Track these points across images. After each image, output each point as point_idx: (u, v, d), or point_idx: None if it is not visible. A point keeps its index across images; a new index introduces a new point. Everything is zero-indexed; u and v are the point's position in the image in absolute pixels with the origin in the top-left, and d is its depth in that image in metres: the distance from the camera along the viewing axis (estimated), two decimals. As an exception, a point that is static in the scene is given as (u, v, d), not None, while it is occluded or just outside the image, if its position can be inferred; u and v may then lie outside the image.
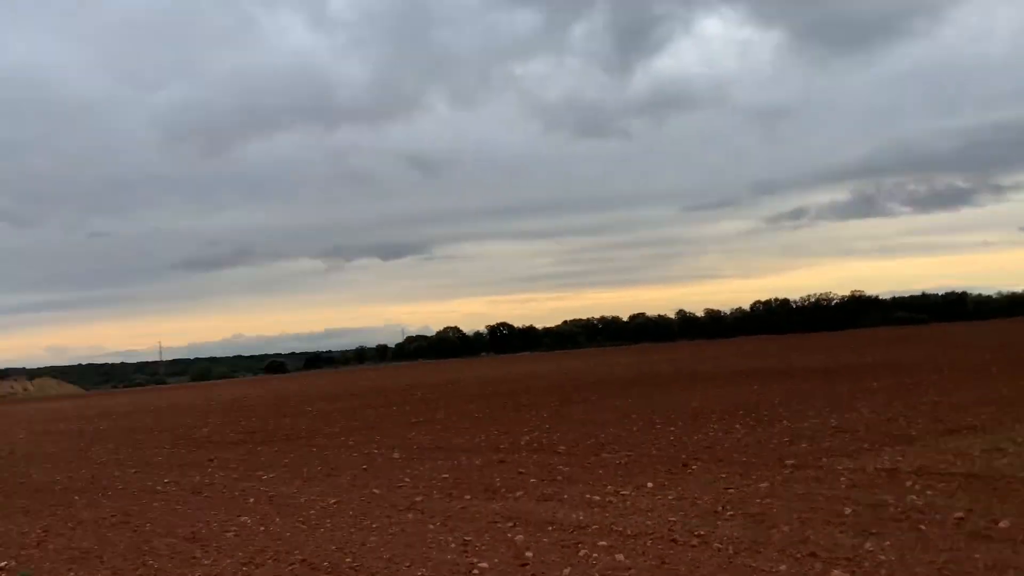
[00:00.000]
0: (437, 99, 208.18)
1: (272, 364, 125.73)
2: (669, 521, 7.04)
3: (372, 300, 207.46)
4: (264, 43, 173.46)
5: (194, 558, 7.03)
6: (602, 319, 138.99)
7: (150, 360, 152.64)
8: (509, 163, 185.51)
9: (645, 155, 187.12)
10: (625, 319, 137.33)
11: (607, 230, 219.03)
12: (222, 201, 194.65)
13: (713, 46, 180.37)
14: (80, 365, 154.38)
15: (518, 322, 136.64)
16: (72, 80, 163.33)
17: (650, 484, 8.94)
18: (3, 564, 7.30)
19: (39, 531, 8.85)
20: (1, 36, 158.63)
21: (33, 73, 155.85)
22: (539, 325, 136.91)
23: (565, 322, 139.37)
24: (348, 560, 6.47)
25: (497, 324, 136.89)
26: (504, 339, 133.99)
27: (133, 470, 13.84)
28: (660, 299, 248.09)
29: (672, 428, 13.98)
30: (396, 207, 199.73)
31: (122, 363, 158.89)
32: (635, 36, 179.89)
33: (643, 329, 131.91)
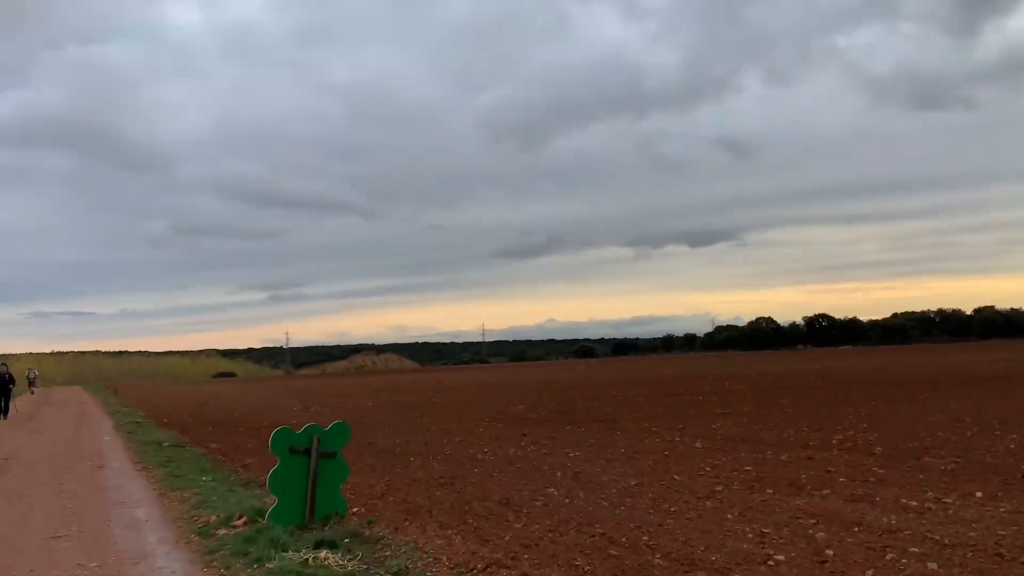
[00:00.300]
0: (750, 79, 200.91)
1: (582, 349, 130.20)
2: (997, 535, 6.37)
3: (680, 288, 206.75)
4: (578, 38, 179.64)
5: (506, 520, 7.71)
6: (940, 312, 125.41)
7: (474, 341, 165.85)
8: (830, 142, 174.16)
9: (995, 128, 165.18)
10: (969, 312, 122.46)
11: (947, 212, 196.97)
12: (536, 193, 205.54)
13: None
14: (417, 343, 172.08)
15: (839, 313, 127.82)
16: (412, 87, 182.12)
17: (979, 494, 8.10)
18: (355, 510, 8.54)
19: (382, 485, 10.20)
20: (358, 52, 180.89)
21: (381, 83, 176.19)
22: (864, 317, 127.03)
23: (895, 314, 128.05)
24: (645, 538, 6.71)
25: (815, 315, 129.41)
26: (823, 331, 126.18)
27: (458, 439, 15.33)
28: (1013, 290, 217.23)
29: (1014, 435, 12.42)
30: (705, 192, 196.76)
31: (451, 343, 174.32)
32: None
33: (991, 324, 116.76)
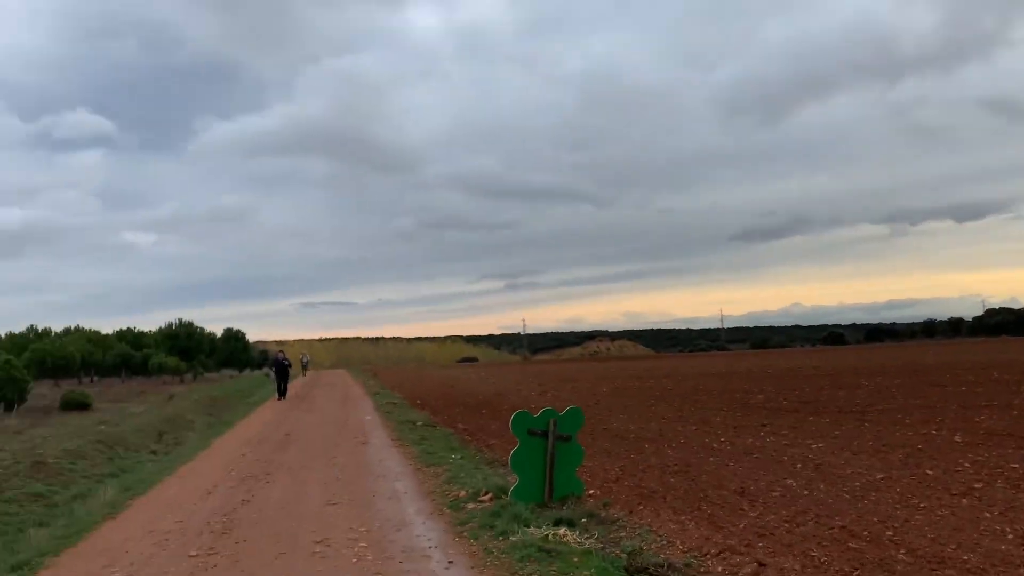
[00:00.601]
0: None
1: (830, 335, 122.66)
2: None
3: (943, 268, 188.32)
4: (819, 5, 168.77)
5: (741, 510, 7.68)
6: None
7: (712, 327, 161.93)
8: None
9: None
10: None
11: None
12: (777, 170, 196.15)
13: None
14: (651, 330, 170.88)
15: None
16: (642, 71, 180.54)
17: None
18: (591, 492, 8.88)
19: (616, 470, 10.48)
20: (587, 41, 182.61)
21: (611, 69, 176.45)
22: None
23: None
24: (888, 534, 6.42)
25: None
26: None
27: (693, 427, 15.26)
28: None
29: None
30: (972, 161, 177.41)
31: (687, 329, 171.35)
32: None
33: None
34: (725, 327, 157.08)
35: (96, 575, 6.45)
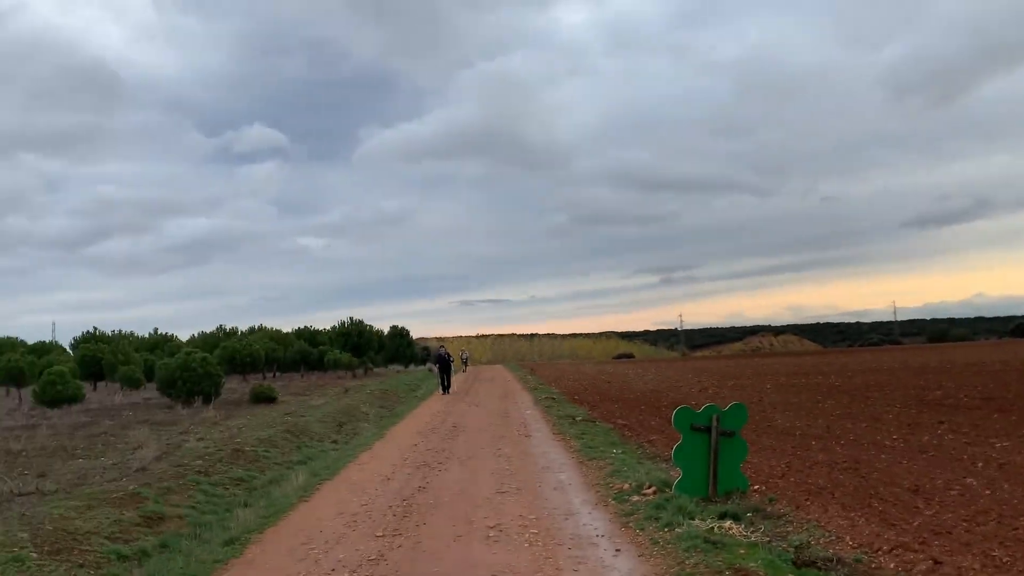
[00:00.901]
0: None
1: (1020, 327, 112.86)
2: None
3: None
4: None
5: (916, 508, 7.48)
6: None
7: (884, 320, 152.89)
8: None
9: None
10: None
11: None
12: (954, 151, 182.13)
13: None
14: (817, 323, 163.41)
15: None
16: (798, 53, 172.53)
17: None
18: (756, 487, 8.88)
19: (782, 466, 10.36)
20: (740, 26, 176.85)
21: (766, 54, 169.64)
22: None
23: None
24: (1081, 538, 6.11)
25: None
26: None
27: (863, 424, 14.73)
28: None
29: None
30: None
31: (857, 322, 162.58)
32: None
33: None
34: (899, 320, 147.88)
35: (297, 550, 7.18)
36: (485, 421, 18.90)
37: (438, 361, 33.14)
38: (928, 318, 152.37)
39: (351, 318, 57.19)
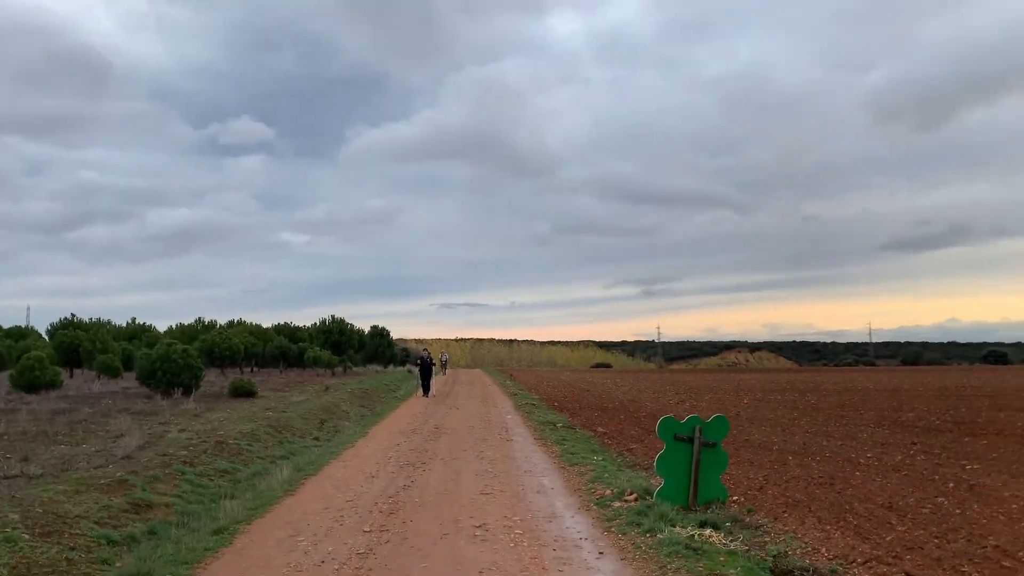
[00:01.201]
0: None
1: (991, 353, 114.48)
2: None
3: None
4: (980, 2, 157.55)
5: (889, 523, 7.72)
6: None
7: (859, 341, 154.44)
8: None
9: None
10: None
11: None
12: (934, 177, 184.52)
13: None
14: (793, 342, 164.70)
15: None
16: (787, 74, 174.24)
17: None
18: (735, 499, 9.10)
19: (760, 479, 10.60)
20: (730, 43, 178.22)
21: (754, 72, 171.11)
22: None
23: None
24: (1046, 557, 6.37)
25: None
26: None
27: (839, 442, 15.02)
28: None
29: None
30: None
31: (832, 342, 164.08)
32: None
33: None
34: (874, 341, 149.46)
35: (285, 542, 7.30)
36: (466, 424, 19.03)
37: (419, 363, 33.22)
38: (902, 341, 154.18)
39: (332, 316, 57.14)
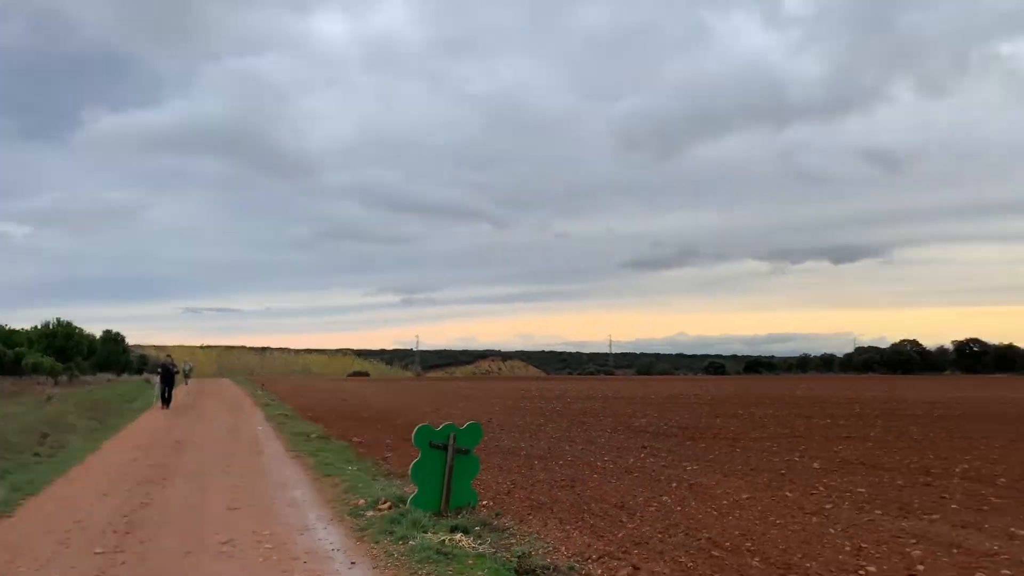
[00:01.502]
0: (901, 88, 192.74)
1: (712, 365, 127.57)
2: (1100, 567, 6.56)
3: (820, 305, 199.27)
4: (716, 47, 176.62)
5: (620, 521, 8.44)
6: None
7: (601, 352, 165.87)
8: (991, 156, 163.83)
9: None
10: None
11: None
12: (670, 203, 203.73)
13: None
14: (543, 351, 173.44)
15: (998, 339, 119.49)
16: (546, 97, 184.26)
17: (1095, 529, 8.15)
18: (484, 503, 9.46)
19: (508, 483, 11.11)
20: (495, 63, 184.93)
21: (516, 93, 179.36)
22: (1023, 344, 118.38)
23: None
24: (747, 544, 7.29)
25: (967, 340, 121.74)
26: (975, 357, 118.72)
27: (580, 447, 16.09)
28: None
29: None
30: (850, 207, 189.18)
31: (577, 352, 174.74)
32: None
33: None
34: (613, 352, 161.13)
35: (1, 570, 6.57)
36: (212, 437, 18.11)
37: (159, 371, 31.06)
38: (638, 352, 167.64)
39: (58, 319, 51.85)
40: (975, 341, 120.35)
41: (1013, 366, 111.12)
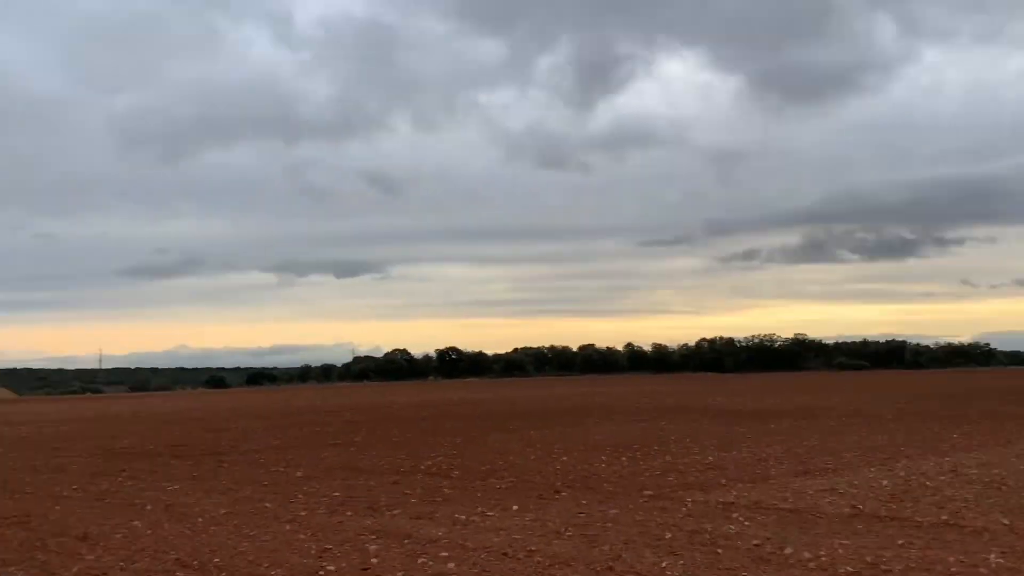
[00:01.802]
0: (400, 120, 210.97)
1: (213, 378, 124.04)
2: (513, 539, 7.96)
3: (323, 317, 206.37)
4: (227, 55, 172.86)
5: (79, 554, 7.75)
6: (552, 348, 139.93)
7: (89, 367, 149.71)
8: (469, 188, 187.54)
9: (604, 189, 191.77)
10: (575, 349, 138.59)
11: (564, 260, 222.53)
12: (175, 209, 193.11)
13: (674, 88, 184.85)
14: (16, 369, 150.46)
15: (471, 347, 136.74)
16: (27, 78, 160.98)
17: (515, 507, 9.86)
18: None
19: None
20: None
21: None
22: (490, 351, 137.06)
23: (516, 350, 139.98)
24: (216, 560, 7.27)
25: (446, 348, 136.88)
26: (452, 364, 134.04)
27: (45, 476, 14.35)
28: (611, 331, 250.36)
29: (565, 458, 14.94)
30: (353, 225, 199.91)
31: (60, 369, 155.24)
32: (598, 73, 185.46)
33: (590, 361, 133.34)
34: (104, 367, 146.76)
35: None
36: None
37: None
38: (133, 367, 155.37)
39: None
40: (453, 350, 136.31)
41: (483, 370, 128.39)
